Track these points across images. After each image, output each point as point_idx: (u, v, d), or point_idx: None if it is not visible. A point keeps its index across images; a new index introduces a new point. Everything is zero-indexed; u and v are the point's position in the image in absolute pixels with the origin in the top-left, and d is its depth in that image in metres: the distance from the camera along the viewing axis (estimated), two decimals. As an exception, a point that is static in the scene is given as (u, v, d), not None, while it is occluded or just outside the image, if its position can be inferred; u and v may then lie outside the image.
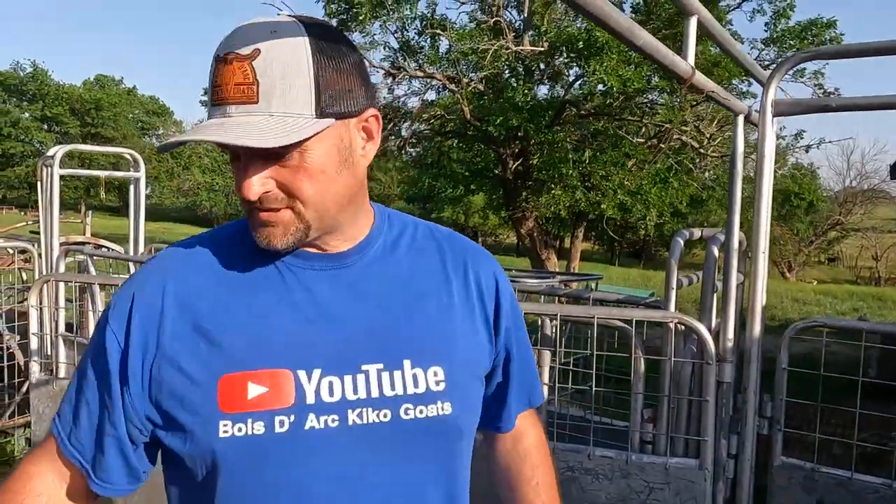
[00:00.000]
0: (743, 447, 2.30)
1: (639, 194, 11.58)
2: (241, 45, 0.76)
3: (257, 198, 0.79)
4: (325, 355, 0.84)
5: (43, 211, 4.35)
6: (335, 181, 0.83)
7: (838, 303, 16.47)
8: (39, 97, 53.61)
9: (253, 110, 0.76)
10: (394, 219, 0.99)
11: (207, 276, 0.87)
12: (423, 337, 0.90)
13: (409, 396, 0.86)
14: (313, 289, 0.87)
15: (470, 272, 0.98)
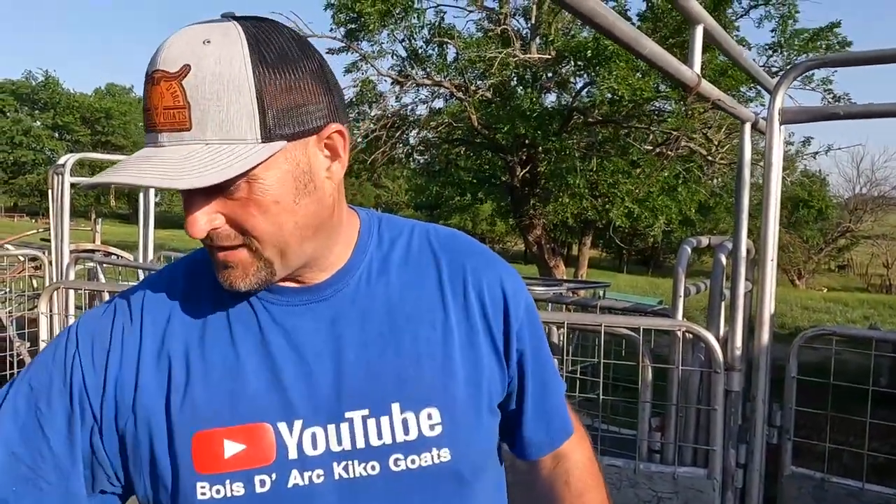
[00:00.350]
0: (752, 457, 2.28)
1: (647, 202, 11.55)
2: (170, 60, 0.64)
3: (205, 235, 0.69)
4: (305, 403, 0.75)
5: (53, 219, 4.39)
6: (293, 212, 0.71)
7: (849, 311, 16.34)
8: (51, 106, 54.15)
9: (185, 138, 0.65)
10: (384, 231, 0.87)
11: (180, 317, 0.78)
12: (414, 375, 0.78)
13: (399, 445, 0.76)
14: (290, 328, 0.77)
15: (470, 285, 0.84)
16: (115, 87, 60.42)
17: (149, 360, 0.76)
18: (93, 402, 0.74)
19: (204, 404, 0.74)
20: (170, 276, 0.82)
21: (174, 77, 0.64)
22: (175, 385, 0.74)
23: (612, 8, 9.26)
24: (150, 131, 0.66)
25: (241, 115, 0.65)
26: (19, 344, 4.40)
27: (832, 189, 31.82)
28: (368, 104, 14.55)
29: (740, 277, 2.20)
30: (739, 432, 2.31)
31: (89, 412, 0.74)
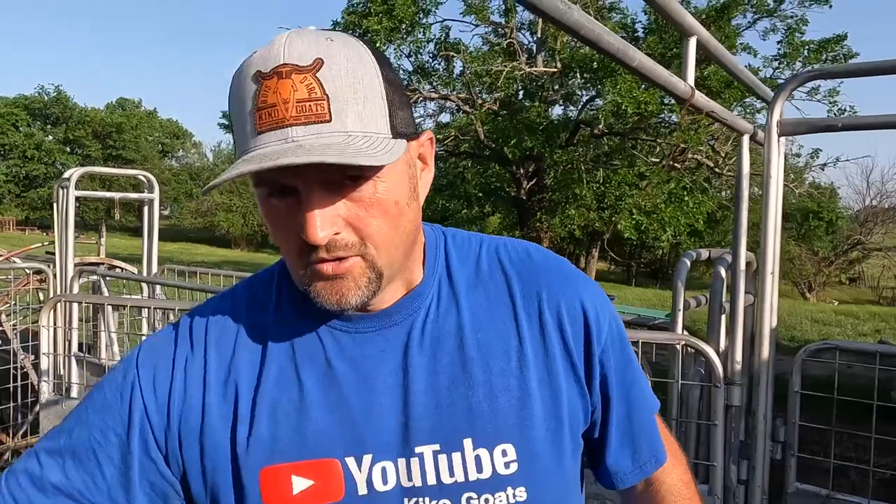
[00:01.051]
0: (753, 472, 2.25)
1: (654, 213, 11.53)
2: (298, 55, 0.62)
3: (327, 241, 0.64)
4: (374, 437, 0.72)
5: (58, 232, 4.42)
6: (405, 215, 0.69)
7: (860, 324, 16.16)
8: (63, 120, 54.77)
9: (324, 130, 0.61)
10: (451, 249, 0.81)
11: (245, 346, 0.75)
12: (487, 409, 0.73)
13: (472, 483, 0.72)
14: (358, 357, 0.73)
15: (546, 308, 0.77)
16: (126, 101, 61.09)
17: (214, 391, 0.72)
18: (156, 434, 0.72)
19: (270, 439, 0.71)
20: (232, 302, 0.79)
21: (308, 70, 0.62)
22: (241, 417, 0.72)
23: (617, 22, 9.30)
24: (275, 128, 0.62)
25: (376, 110, 0.64)
26: (23, 357, 4.42)
27: (843, 201, 31.67)
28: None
29: (739, 290, 2.18)
30: (740, 448, 2.28)
31: (153, 443, 0.72)
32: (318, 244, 0.64)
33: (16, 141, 52.17)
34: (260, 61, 0.63)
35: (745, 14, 13.21)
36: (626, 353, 0.84)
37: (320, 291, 0.68)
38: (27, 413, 4.39)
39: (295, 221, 0.65)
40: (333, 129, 0.62)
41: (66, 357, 3.70)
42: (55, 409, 3.06)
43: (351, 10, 13.03)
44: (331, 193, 0.64)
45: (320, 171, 0.62)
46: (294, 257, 0.68)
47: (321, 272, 0.66)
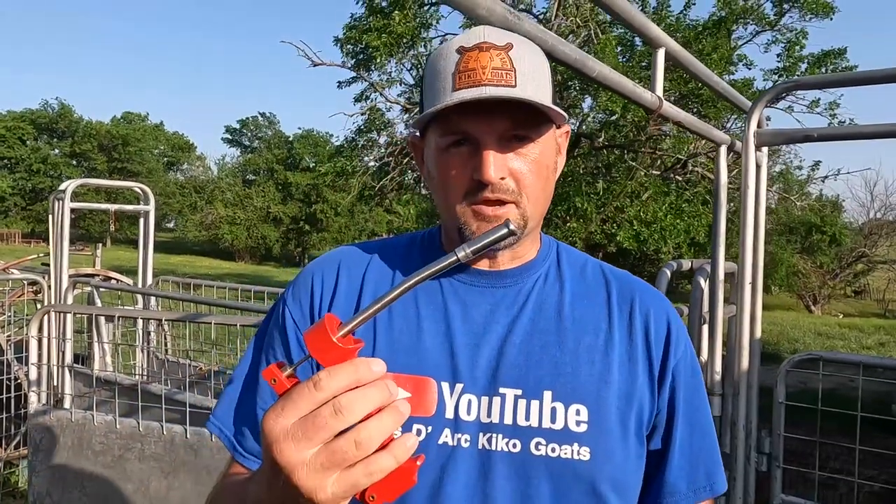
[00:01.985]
0: (734, 484, 2.24)
1: (653, 224, 11.52)
2: (495, 38, 0.79)
3: (498, 178, 0.78)
4: (469, 372, 0.82)
5: (53, 243, 4.44)
6: (549, 182, 0.85)
7: (864, 337, 16.05)
8: (69, 134, 55.21)
9: (510, 92, 0.76)
10: (563, 250, 0.94)
11: (376, 274, 0.89)
12: (571, 371, 0.82)
13: (544, 431, 0.79)
14: (469, 305, 0.85)
15: (637, 311, 0.88)
16: (132, 114, 61.54)
17: (341, 308, 0.86)
18: (299, 329, 0.87)
19: (383, 349, 0.83)
20: (372, 244, 0.96)
21: (503, 49, 0.78)
22: (359, 328, 0.80)
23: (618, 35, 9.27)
24: (473, 86, 0.76)
25: (547, 89, 0.81)
26: (17, 368, 4.43)
27: (847, 214, 31.58)
28: (377, 132, 14.70)
29: (717, 301, 2.18)
30: (723, 459, 2.27)
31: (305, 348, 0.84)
32: (489, 182, 0.78)
33: (22, 154, 52.60)
34: (463, 39, 0.80)
35: (745, 27, 13.27)
36: (697, 378, 0.90)
37: (478, 231, 0.81)
38: (20, 424, 4.40)
39: (469, 165, 0.79)
40: (517, 93, 0.76)
41: (59, 368, 3.71)
42: (43, 419, 3.06)
43: (352, 25, 13.13)
44: (503, 146, 0.79)
45: (501, 123, 0.78)
46: (459, 197, 0.81)
47: (481, 212, 0.80)
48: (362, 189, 14.75)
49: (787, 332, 15.82)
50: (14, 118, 53.94)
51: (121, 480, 2.86)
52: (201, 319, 3.16)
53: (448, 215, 0.84)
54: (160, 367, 4.27)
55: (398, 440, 0.57)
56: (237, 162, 59.74)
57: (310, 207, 48.56)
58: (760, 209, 2.30)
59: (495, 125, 0.78)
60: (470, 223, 0.81)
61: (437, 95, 0.79)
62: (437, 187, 0.85)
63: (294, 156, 52.71)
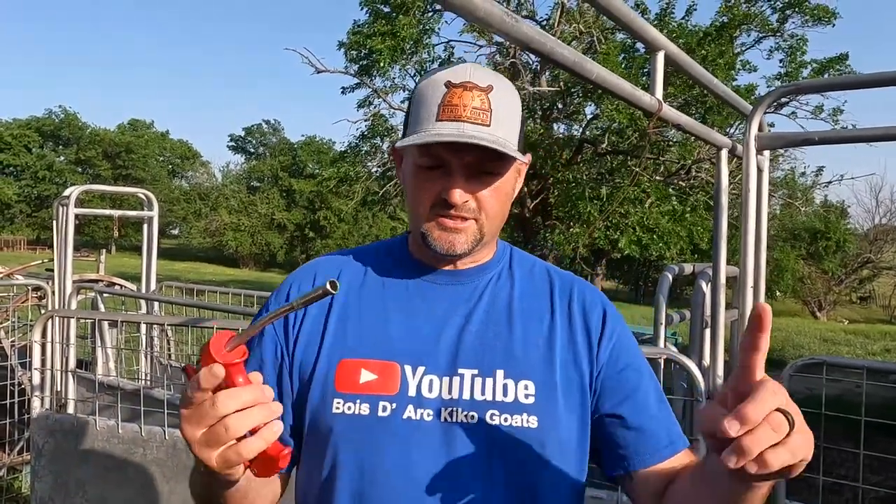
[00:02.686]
0: (737, 488, 2.22)
1: (656, 229, 11.50)
2: (478, 78, 0.91)
3: (462, 202, 0.92)
4: (429, 357, 0.94)
5: (57, 249, 4.45)
6: (506, 204, 0.99)
7: (870, 343, 15.98)
8: (74, 141, 55.47)
9: (484, 131, 0.89)
10: (515, 254, 1.09)
11: (349, 276, 1.03)
12: (519, 352, 0.96)
13: (497, 403, 0.92)
14: (432, 300, 0.99)
15: (575, 301, 1.02)
16: (138, 122, 61.80)
17: (314, 306, 0.97)
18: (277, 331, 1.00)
19: (353, 338, 0.96)
20: (347, 252, 1.10)
21: (484, 90, 0.91)
22: (332, 319, 0.98)
23: (620, 41, 9.27)
24: (453, 120, 0.89)
25: (515, 131, 0.95)
26: (21, 373, 4.44)
27: (852, 220, 31.47)
28: (381, 137, 14.73)
29: (719, 305, 2.17)
30: (724, 463, 2.25)
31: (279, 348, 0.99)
32: (455, 203, 0.91)
33: (28, 162, 52.85)
34: (451, 74, 0.92)
35: (748, 33, 13.27)
36: (639, 357, 1.03)
37: (438, 238, 0.95)
38: (24, 430, 4.40)
39: (439, 184, 0.92)
40: (490, 132, 0.90)
41: (63, 373, 3.72)
42: (45, 424, 3.06)
43: (356, 30, 13.18)
44: (470, 175, 0.93)
45: (470, 158, 0.90)
46: (427, 209, 0.94)
47: (444, 224, 0.94)
48: (365, 195, 14.77)
49: (792, 339, 15.76)
50: (20, 126, 54.25)
51: (123, 485, 2.86)
52: (204, 324, 3.17)
53: (416, 222, 0.97)
54: (163, 373, 4.28)
55: (266, 426, 0.73)
56: (242, 169, 59.91)
57: (314, 214, 48.65)
58: (762, 213, 2.29)
59: (466, 159, 0.91)
60: (433, 231, 0.95)
61: (422, 122, 0.91)
62: (409, 196, 0.98)
63: (298, 163, 52.84)
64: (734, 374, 0.70)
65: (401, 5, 12.15)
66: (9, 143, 52.67)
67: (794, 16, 12.71)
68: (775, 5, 12.70)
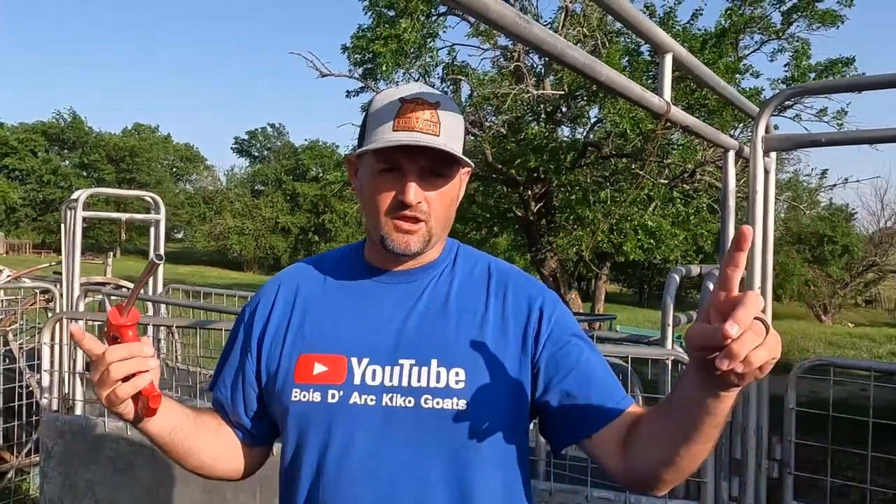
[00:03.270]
0: (744, 489, 2.23)
1: (657, 232, 11.47)
2: (427, 95, 1.04)
3: (416, 203, 1.03)
4: (373, 349, 1.07)
5: (66, 252, 4.48)
6: (452, 208, 1.10)
7: (876, 346, 15.92)
8: (79, 145, 55.65)
9: (434, 141, 1.01)
10: (461, 253, 1.19)
11: (309, 283, 1.17)
12: (452, 343, 1.07)
13: (431, 389, 1.04)
14: (378, 299, 1.12)
15: (510, 294, 1.12)
16: (142, 126, 61.99)
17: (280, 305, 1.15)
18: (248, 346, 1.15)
19: (310, 336, 1.10)
20: (308, 261, 1.23)
21: (432, 105, 1.04)
22: (294, 320, 1.12)
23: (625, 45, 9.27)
24: (407, 130, 1.02)
25: (460, 141, 1.07)
26: (29, 375, 4.46)
27: (857, 223, 31.35)
28: (385, 141, 14.71)
29: (727, 305, 2.17)
30: (731, 464, 2.26)
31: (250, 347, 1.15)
32: (409, 204, 1.02)
33: (33, 166, 53.05)
34: (404, 91, 1.05)
35: (752, 36, 13.25)
36: (579, 335, 1.12)
37: (395, 238, 1.06)
38: (31, 431, 4.42)
39: (395, 187, 1.03)
40: (439, 141, 1.02)
41: (71, 374, 3.74)
42: (55, 425, 3.08)
43: (360, 34, 13.21)
44: (422, 179, 1.04)
45: (423, 162, 1.02)
46: (384, 213, 1.05)
47: (400, 226, 1.05)
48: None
49: (798, 342, 15.71)
50: (26, 130, 54.49)
51: (131, 487, 2.87)
52: (211, 326, 3.18)
53: (373, 225, 1.08)
54: (170, 375, 4.30)
55: (137, 375, 0.95)
56: (246, 173, 60.02)
57: (318, 217, 48.71)
58: (769, 214, 2.30)
59: (419, 162, 1.02)
60: (391, 233, 1.05)
61: (379, 132, 1.03)
62: (367, 202, 1.08)
63: (301, 166, 52.92)
64: (714, 291, 0.80)
65: (404, 9, 12.17)
66: (15, 148, 52.88)
67: (800, 19, 12.69)
68: (781, 8, 12.69)
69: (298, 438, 1.07)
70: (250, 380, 1.15)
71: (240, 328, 1.19)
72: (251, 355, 1.15)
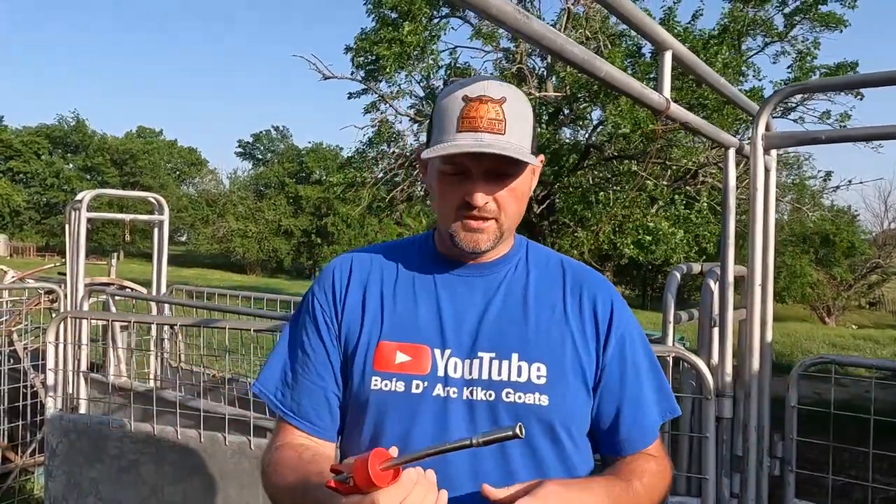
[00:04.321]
0: (746, 486, 2.23)
1: (659, 232, 11.47)
2: (493, 91, 1.02)
3: (483, 204, 1.03)
4: (454, 341, 1.07)
5: (70, 252, 4.50)
6: (522, 202, 1.09)
7: (879, 348, 15.85)
8: (82, 148, 55.80)
9: (500, 139, 1.00)
10: (531, 247, 1.20)
11: (378, 269, 1.15)
12: (532, 337, 1.07)
13: (512, 383, 1.04)
14: (454, 290, 1.11)
15: (585, 293, 1.13)
16: (146, 130, 62.13)
17: (354, 287, 1.13)
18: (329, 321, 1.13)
19: (389, 325, 1.09)
20: (381, 245, 1.21)
21: (498, 102, 1.02)
22: (369, 307, 1.11)
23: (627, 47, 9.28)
24: (471, 131, 1.00)
25: (528, 136, 1.05)
26: (33, 376, 4.48)
27: (861, 224, 31.26)
28: (387, 143, 14.78)
29: (728, 303, 2.19)
30: (732, 461, 2.27)
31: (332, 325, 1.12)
32: (477, 206, 1.03)
33: (37, 169, 53.19)
34: (468, 89, 1.03)
35: (754, 38, 13.26)
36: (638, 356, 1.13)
37: (463, 237, 1.07)
38: (36, 431, 4.44)
39: (462, 189, 1.04)
40: (505, 140, 1.00)
41: (75, 374, 3.75)
42: (59, 425, 3.09)
43: (363, 36, 13.25)
44: (489, 179, 1.03)
45: (489, 162, 1.01)
46: (453, 212, 1.06)
47: (469, 225, 1.06)
48: (372, 201, 14.81)
49: (801, 344, 15.66)
50: (30, 133, 54.64)
51: (136, 485, 2.89)
52: (215, 325, 3.20)
53: (443, 223, 1.09)
54: (174, 374, 4.31)
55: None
56: (249, 175, 60.11)
57: (320, 220, 48.76)
58: (770, 212, 2.30)
59: (485, 165, 1.02)
60: (459, 232, 1.06)
61: (444, 133, 1.02)
62: (436, 200, 1.09)
63: (305, 169, 53.00)
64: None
65: (407, 12, 12.21)
66: (19, 151, 53.04)
67: (804, 22, 12.70)
68: (784, 11, 12.70)
69: (376, 427, 1.06)
70: (334, 359, 1.11)
71: (309, 317, 1.14)
72: (332, 338, 1.12)
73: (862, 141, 1.99)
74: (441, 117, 1.04)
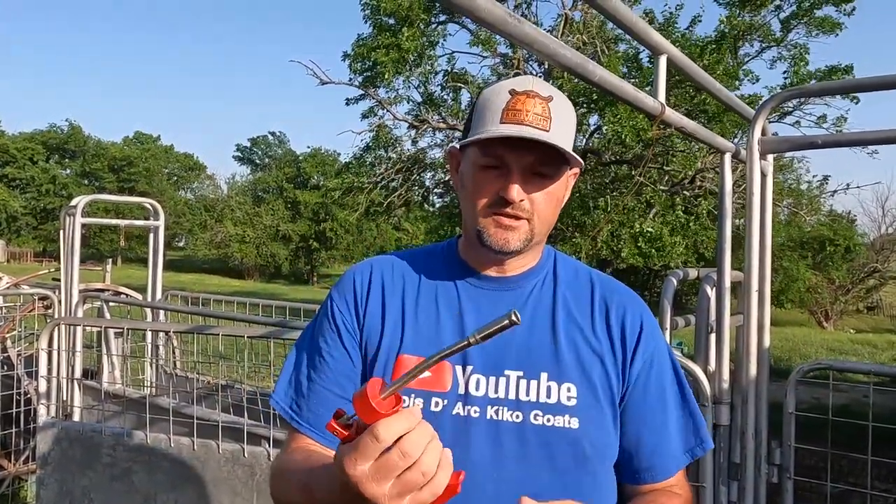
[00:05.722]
0: (744, 494, 2.21)
1: (659, 240, 11.48)
2: (540, 88, 0.99)
3: (518, 200, 0.98)
4: (478, 357, 1.00)
5: (64, 258, 4.48)
6: (557, 209, 1.05)
7: (878, 353, 15.85)
8: (79, 154, 55.78)
9: (544, 134, 0.95)
10: (560, 259, 1.14)
11: (403, 277, 1.10)
12: (562, 356, 1.02)
13: (541, 404, 0.99)
14: (479, 304, 1.06)
15: (613, 312, 1.07)
16: (143, 135, 62.13)
17: (375, 293, 1.07)
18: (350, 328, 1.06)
19: (409, 338, 1.03)
20: (406, 252, 1.16)
21: (545, 99, 0.98)
22: (389, 318, 1.05)
23: (625, 51, 9.31)
24: (516, 123, 0.96)
25: (570, 137, 1.01)
26: (27, 382, 4.45)
27: (858, 229, 31.30)
28: (385, 148, 14.79)
29: (724, 309, 2.17)
30: (730, 469, 2.25)
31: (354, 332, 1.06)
32: (512, 201, 0.97)
33: (33, 174, 53.15)
34: (516, 83, 0.99)
35: (751, 44, 13.31)
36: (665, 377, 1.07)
37: (493, 234, 1.01)
38: (30, 439, 4.41)
39: (498, 183, 0.98)
40: (548, 136, 0.95)
41: (69, 381, 3.73)
42: (52, 432, 3.07)
43: (361, 43, 13.27)
44: (527, 176, 0.99)
45: (529, 158, 0.97)
46: (485, 207, 1.00)
47: (500, 221, 1.00)
48: (369, 206, 14.81)
49: (799, 349, 15.65)
50: (25, 139, 54.61)
51: (128, 493, 2.86)
52: (209, 331, 3.18)
53: (472, 220, 1.03)
54: (168, 381, 4.28)
55: (444, 458, 0.75)
56: (247, 181, 60.10)
57: (319, 225, 48.71)
58: (767, 217, 2.29)
59: (525, 158, 0.97)
60: (489, 228, 1.00)
61: (486, 123, 0.98)
62: (467, 195, 1.03)
63: (303, 174, 53.01)
64: None
65: (404, 18, 12.23)
66: (14, 157, 52.99)
67: (800, 26, 12.74)
68: (780, 16, 12.75)
69: None
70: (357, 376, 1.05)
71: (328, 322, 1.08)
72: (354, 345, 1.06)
73: (858, 145, 1.98)
74: (483, 109, 1.00)
